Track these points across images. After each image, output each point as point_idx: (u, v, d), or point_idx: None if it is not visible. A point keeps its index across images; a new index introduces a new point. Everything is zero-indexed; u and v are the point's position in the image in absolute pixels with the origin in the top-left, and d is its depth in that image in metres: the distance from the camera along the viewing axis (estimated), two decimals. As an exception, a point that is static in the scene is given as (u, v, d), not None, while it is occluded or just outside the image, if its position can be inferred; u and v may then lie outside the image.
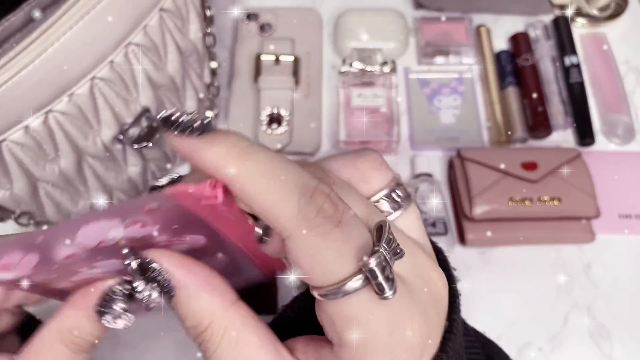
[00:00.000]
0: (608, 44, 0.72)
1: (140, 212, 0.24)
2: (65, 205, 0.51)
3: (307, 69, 0.68)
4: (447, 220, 0.58)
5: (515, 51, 0.70)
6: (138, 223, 0.24)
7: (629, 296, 0.57)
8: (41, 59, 0.39)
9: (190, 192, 0.22)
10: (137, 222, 0.24)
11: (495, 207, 0.56)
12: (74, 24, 0.40)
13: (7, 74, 0.38)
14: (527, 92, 0.66)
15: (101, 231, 0.24)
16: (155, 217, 0.24)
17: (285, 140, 0.63)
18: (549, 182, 0.57)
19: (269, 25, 0.71)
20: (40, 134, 0.43)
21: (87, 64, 0.43)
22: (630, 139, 0.65)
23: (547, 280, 0.58)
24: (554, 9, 0.74)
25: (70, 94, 0.43)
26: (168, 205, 0.23)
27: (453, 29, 0.72)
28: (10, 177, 0.45)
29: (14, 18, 0.40)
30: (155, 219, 0.24)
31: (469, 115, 0.67)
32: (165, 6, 0.47)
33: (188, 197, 0.22)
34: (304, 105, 0.65)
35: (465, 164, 0.59)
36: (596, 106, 0.68)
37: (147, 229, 0.24)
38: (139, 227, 0.24)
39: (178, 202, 0.23)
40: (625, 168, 0.63)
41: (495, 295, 0.57)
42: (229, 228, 0.24)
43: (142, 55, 0.47)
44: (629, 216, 0.60)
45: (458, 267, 0.58)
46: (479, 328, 0.55)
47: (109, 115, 0.47)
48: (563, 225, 0.57)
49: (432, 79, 0.69)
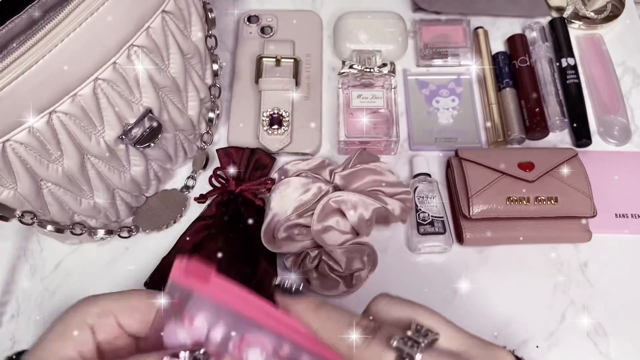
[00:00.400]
0: (604, 46, 0.72)
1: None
2: (69, 205, 0.51)
3: (308, 70, 0.68)
4: (445, 219, 0.59)
5: (513, 53, 0.70)
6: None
7: (625, 294, 0.57)
8: (45, 60, 0.40)
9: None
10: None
11: (493, 206, 0.57)
12: (77, 25, 0.41)
13: (11, 75, 0.39)
14: (524, 93, 0.67)
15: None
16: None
17: (285, 141, 0.63)
18: (546, 182, 0.58)
19: (270, 28, 0.71)
20: (43, 134, 0.43)
21: (90, 65, 0.43)
22: (626, 140, 0.66)
23: (544, 279, 0.58)
24: (551, 11, 0.75)
25: (74, 95, 0.43)
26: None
27: (451, 31, 0.73)
28: (14, 177, 0.45)
29: (18, 20, 0.40)
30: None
31: (466, 116, 0.67)
32: (167, 8, 0.48)
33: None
34: (304, 106, 0.66)
35: (463, 164, 0.59)
36: (593, 107, 0.68)
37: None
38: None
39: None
40: (622, 168, 0.63)
41: (492, 294, 0.57)
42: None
43: (145, 56, 0.47)
44: (625, 215, 0.61)
45: (456, 266, 0.59)
46: (478, 326, 0.56)
47: (112, 115, 0.47)
48: (560, 224, 0.58)
49: (430, 80, 0.70)
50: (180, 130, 0.58)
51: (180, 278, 0.33)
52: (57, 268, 0.59)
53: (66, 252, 0.59)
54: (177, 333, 0.33)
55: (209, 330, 0.33)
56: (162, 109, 0.52)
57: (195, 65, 0.55)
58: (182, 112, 0.56)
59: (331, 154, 0.65)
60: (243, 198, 0.60)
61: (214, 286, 0.33)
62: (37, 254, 0.60)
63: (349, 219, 0.56)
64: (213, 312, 0.33)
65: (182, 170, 0.64)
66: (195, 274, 0.33)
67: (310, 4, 0.76)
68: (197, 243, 0.58)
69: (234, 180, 0.60)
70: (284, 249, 0.56)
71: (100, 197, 0.53)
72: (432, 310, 0.33)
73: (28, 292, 0.58)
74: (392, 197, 0.58)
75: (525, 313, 0.56)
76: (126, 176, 0.54)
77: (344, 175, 0.59)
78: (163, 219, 0.60)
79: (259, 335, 0.33)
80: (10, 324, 0.56)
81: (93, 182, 0.52)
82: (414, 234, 0.59)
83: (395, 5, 0.75)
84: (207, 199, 0.61)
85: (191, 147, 0.62)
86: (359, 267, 0.55)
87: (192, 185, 0.63)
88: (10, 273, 0.58)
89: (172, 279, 0.33)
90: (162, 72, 0.50)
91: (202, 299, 0.33)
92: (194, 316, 0.33)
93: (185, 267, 0.33)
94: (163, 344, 0.33)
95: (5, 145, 0.42)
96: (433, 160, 0.65)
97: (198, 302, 0.33)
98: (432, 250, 0.59)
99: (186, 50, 0.52)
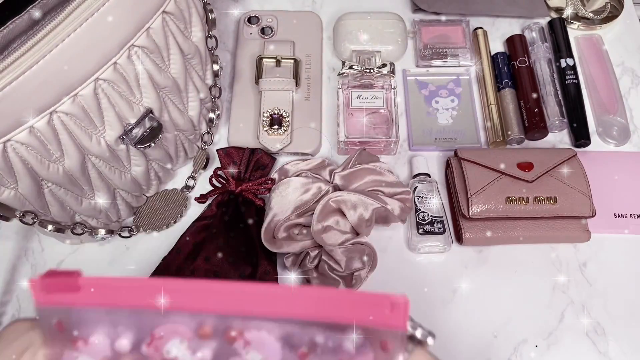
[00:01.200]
0: (603, 46, 0.72)
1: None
2: (70, 205, 0.52)
3: (308, 70, 0.69)
4: (444, 219, 0.59)
5: (512, 53, 0.71)
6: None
7: (624, 294, 0.58)
8: (45, 60, 0.40)
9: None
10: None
11: (492, 206, 0.57)
12: (78, 26, 0.41)
13: (12, 75, 0.39)
14: (523, 94, 0.67)
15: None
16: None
17: (285, 141, 0.63)
18: (545, 182, 0.58)
19: (270, 28, 0.71)
20: (44, 134, 0.44)
21: (91, 66, 0.43)
22: (625, 140, 0.66)
23: (543, 279, 0.58)
24: (550, 12, 0.75)
25: (74, 95, 0.43)
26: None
27: (451, 32, 0.73)
28: (15, 177, 0.45)
29: (19, 20, 0.41)
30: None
31: (466, 116, 0.68)
32: (168, 9, 0.48)
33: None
34: (304, 106, 0.66)
35: (462, 164, 0.59)
36: (592, 107, 0.69)
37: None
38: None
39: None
40: (621, 168, 0.64)
41: (492, 293, 0.57)
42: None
43: (145, 57, 0.47)
44: (624, 215, 0.61)
45: (455, 266, 0.59)
46: (476, 325, 0.56)
47: (113, 115, 0.48)
48: (559, 224, 0.58)
49: (430, 80, 0.70)
50: (180, 131, 0.58)
51: (44, 299, 0.28)
52: (58, 268, 0.59)
53: (67, 251, 0.60)
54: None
55: (112, 342, 0.29)
56: (163, 109, 0.52)
57: (196, 65, 0.55)
58: (182, 113, 0.56)
59: (331, 154, 0.66)
60: (243, 198, 0.60)
61: (89, 289, 0.28)
62: (38, 254, 0.60)
63: (349, 219, 0.57)
64: (104, 319, 0.28)
65: (182, 170, 0.64)
66: (60, 286, 0.28)
67: (310, 4, 0.76)
68: (197, 243, 0.58)
69: (234, 180, 0.60)
70: (284, 249, 0.56)
71: (101, 197, 0.53)
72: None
73: (29, 292, 0.58)
74: (391, 197, 0.58)
75: (524, 313, 0.56)
76: (127, 176, 0.54)
77: (343, 175, 0.59)
78: (163, 219, 0.60)
79: (169, 324, 0.28)
80: (11, 323, 0.56)
81: (94, 182, 0.52)
82: (413, 233, 0.59)
83: (395, 5, 0.76)
84: (207, 198, 0.61)
85: (191, 147, 0.62)
86: (358, 266, 0.55)
87: (192, 185, 0.63)
88: (11, 272, 0.59)
89: (37, 304, 0.28)
90: (162, 72, 0.50)
91: (83, 310, 0.28)
92: (86, 334, 0.29)
93: (42, 284, 0.28)
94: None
95: (6, 145, 0.42)
96: (432, 161, 0.65)
97: (82, 316, 0.28)
98: (431, 250, 0.59)
99: (186, 50, 0.52)
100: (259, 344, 0.29)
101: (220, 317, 0.28)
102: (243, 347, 0.29)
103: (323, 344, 0.28)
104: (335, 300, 0.27)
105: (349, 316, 0.27)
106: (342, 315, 0.27)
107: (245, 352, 0.29)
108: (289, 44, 0.69)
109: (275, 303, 0.27)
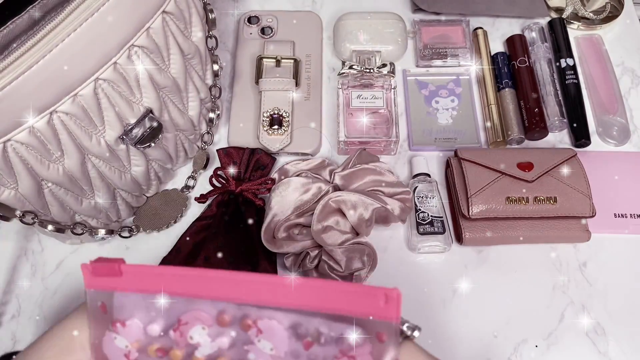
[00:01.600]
0: (603, 46, 0.72)
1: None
2: (70, 205, 0.52)
3: (308, 70, 0.69)
4: (444, 219, 0.59)
5: (512, 53, 0.71)
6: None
7: (624, 294, 0.58)
8: (45, 60, 0.40)
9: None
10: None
11: (492, 206, 0.57)
12: (78, 26, 0.41)
13: (12, 75, 0.39)
14: (523, 94, 0.67)
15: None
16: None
17: (285, 141, 0.63)
18: (545, 182, 0.58)
19: (270, 28, 0.71)
20: (44, 134, 0.44)
21: (91, 66, 0.43)
22: (625, 140, 0.66)
23: (543, 279, 0.58)
24: (550, 12, 0.75)
25: (74, 95, 0.43)
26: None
27: (451, 32, 0.73)
28: (15, 177, 0.45)
29: (19, 20, 0.41)
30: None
31: (466, 116, 0.68)
32: (168, 9, 0.48)
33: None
34: (304, 106, 0.66)
35: (462, 164, 0.59)
36: (592, 107, 0.69)
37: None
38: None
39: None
40: (621, 168, 0.64)
41: (492, 293, 0.57)
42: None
43: (145, 57, 0.47)
44: (624, 215, 0.61)
45: (455, 266, 0.59)
46: (476, 325, 0.56)
47: (113, 115, 0.48)
48: (559, 224, 0.58)
49: (430, 80, 0.70)
50: (180, 131, 0.58)
51: (93, 283, 0.31)
52: (58, 268, 0.59)
53: (67, 251, 0.60)
54: (115, 342, 0.31)
55: (145, 326, 0.31)
56: (163, 109, 0.52)
57: (196, 65, 0.55)
58: (182, 112, 0.56)
59: (331, 154, 0.66)
60: (243, 198, 0.60)
61: (129, 276, 0.31)
62: (38, 254, 0.60)
63: (349, 219, 0.57)
64: (140, 304, 0.31)
65: (182, 170, 0.64)
66: (105, 271, 0.31)
67: (310, 4, 0.76)
68: (197, 243, 0.58)
69: (234, 180, 0.60)
70: (284, 249, 0.56)
71: (101, 197, 0.53)
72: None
73: (29, 292, 0.58)
74: (391, 197, 0.58)
75: (524, 313, 0.56)
76: (127, 176, 0.54)
77: (343, 175, 0.59)
78: (163, 219, 0.60)
79: (193, 310, 0.31)
80: (11, 323, 0.56)
81: (94, 182, 0.52)
82: (413, 233, 0.59)
83: (395, 5, 0.76)
84: (207, 199, 0.61)
85: (192, 147, 0.62)
86: (358, 266, 0.55)
87: (192, 185, 0.63)
88: (11, 273, 0.59)
89: (86, 287, 0.31)
90: (162, 72, 0.50)
91: (123, 294, 0.31)
92: (125, 317, 0.31)
93: (92, 269, 0.31)
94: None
95: (6, 145, 0.42)
96: (432, 161, 0.65)
97: (122, 300, 0.31)
98: (431, 250, 0.59)
99: (187, 50, 0.52)
100: (270, 333, 0.31)
101: (238, 305, 0.30)
102: (256, 335, 0.31)
103: (326, 335, 0.30)
104: (335, 291, 0.30)
105: (347, 307, 0.29)
106: (342, 306, 0.30)
107: (257, 340, 0.31)
108: (289, 44, 0.69)
109: (285, 293, 0.29)
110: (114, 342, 0.32)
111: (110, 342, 0.32)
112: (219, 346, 0.31)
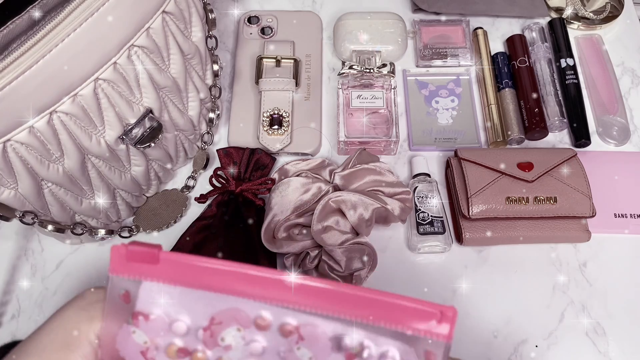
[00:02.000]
0: (604, 46, 0.72)
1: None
2: (70, 205, 0.52)
3: (307, 70, 0.69)
4: (444, 219, 0.59)
5: (512, 53, 0.71)
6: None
7: (624, 294, 0.58)
8: (45, 60, 0.40)
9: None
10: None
11: (492, 206, 0.57)
12: (78, 26, 0.41)
13: (11, 75, 0.39)
14: (523, 94, 0.67)
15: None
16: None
17: (285, 141, 0.63)
18: (545, 182, 0.58)
19: (270, 28, 0.72)
20: (44, 134, 0.43)
21: (91, 66, 0.43)
22: (625, 140, 0.66)
23: (544, 279, 0.58)
24: (550, 12, 0.75)
25: (74, 95, 0.43)
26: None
27: (451, 32, 0.73)
28: (15, 177, 0.45)
29: (19, 20, 0.41)
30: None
31: (466, 117, 0.68)
32: (167, 9, 0.48)
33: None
34: (304, 106, 0.66)
35: (462, 164, 0.59)
36: (592, 107, 0.69)
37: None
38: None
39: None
40: (621, 168, 0.64)
41: (492, 293, 0.57)
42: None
43: (145, 57, 0.47)
44: (624, 215, 0.61)
45: (455, 266, 0.59)
46: (476, 325, 0.56)
47: (113, 115, 0.48)
48: (559, 224, 0.58)
49: (430, 80, 0.70)
50: (180, 131, 0.58)
51: (121, 268, 0.28)
52: (58, 268, 0.59)
53: (67, 251, 0.60)
54: (132, 337, 0.28)
55: (172, 322, 0.28)
56: (163, 109, 0.52)
57: (196, 65, 0.55)
58: (182, 113, 0.56)
59: (331, 154, 0.66)
60: (243, 198, 0.60)
61: (165, 264, 0.28)
62: (38, 254, 0.60)
63: (349, 219, 0.57)
64: (171, 296, 0.28)
65: (182, 170, 0.64)
66: (140, 257, 0.28)
67: (310, 4, 0.76)
68: (197, 243, 0.58)
69: (234, 180, 0.60)
70: (284, 249, 0.56)
71: (101, 197, 0.53)
72: None
73: (29, 292, 0.58)
74: (391, 197, 0.58)
75: (524, 313, 0.56)
76: (127, 176, 0.54)
77: (343, 175, 0.59)
78: (163, 219, 0.60)
79: (231, 309, 0.28)
80: (11, 323, 0.56)
81: (94, 182, 0.52)
82: (413, 233, 0.59)
83: (395, 5, 0.76)
84: (207, 199, 0.61)
85: (191, 147, 0.62)
86: (358, 266, 0.55)
87: (192, 185, 0.63)
88: (11, 273, 0.59)
89: (110, 272, 0.28)
90: (162, 72, 0.50)
91: (154, 285, 0.28)
92: (149, 310, 0.28)
93: (127, 254, 0.28)
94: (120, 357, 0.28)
95: (6, 145, 0.42)
96: (432, 161, 0.65)
97: (150, 290, 0.28)
98: (431, 250, 0.59)
99: (186, 50, 0.52)
100: (311, 341, 0.28)
101: (281, 308, 0.28)
102: (296, 343, 0.28)
103: (370, 349, 0.28)
104: (386, 302, 0.27)
105: (398, 321, 0.27)
106: (392, 319, 0.27)
107: (296, 347, 0.28)
108: (289, 44, 0.69)
109: (332, 300, 0.27)
110: (131, 336, 0.29)
111: (126, 336, 0.29)
112: (250, 351, 0.28)
